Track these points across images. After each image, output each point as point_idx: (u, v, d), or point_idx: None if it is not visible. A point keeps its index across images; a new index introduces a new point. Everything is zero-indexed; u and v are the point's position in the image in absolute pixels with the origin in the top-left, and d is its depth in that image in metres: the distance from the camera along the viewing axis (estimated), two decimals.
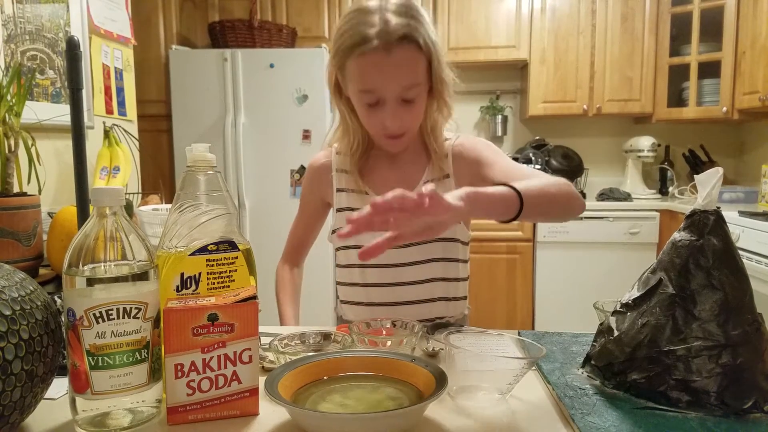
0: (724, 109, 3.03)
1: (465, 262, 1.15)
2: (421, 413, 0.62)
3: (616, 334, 0.69)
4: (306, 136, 3.06)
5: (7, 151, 1.22)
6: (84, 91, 1.01)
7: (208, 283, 0.68)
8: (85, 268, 0.60)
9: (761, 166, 2.99)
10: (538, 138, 3.53)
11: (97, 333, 0.59)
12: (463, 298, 1.17)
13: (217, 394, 0.63)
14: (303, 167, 3.04)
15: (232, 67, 3.05)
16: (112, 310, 0.59)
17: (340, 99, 1.07)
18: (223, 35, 3.18)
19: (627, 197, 3.24)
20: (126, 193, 1.03)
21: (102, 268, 0.61)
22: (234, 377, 0.63)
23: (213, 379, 0.62)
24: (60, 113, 1.85)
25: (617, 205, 3.11)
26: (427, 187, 0.61)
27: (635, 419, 0.61)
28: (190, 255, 0.67)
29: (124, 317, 0.59)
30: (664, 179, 3.47)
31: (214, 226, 0.69)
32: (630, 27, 3.24)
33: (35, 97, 1.82)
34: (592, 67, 3.28)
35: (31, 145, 1.29)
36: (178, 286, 0.67)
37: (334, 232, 1.13)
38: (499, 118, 3.57)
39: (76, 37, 0.93)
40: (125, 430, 0.61)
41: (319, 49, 3.08)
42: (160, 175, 2.87)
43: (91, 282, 0.59)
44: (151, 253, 0.64)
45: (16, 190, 1.25)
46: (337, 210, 1.14)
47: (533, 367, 0.76)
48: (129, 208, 1.30)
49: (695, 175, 0.69)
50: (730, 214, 2.40)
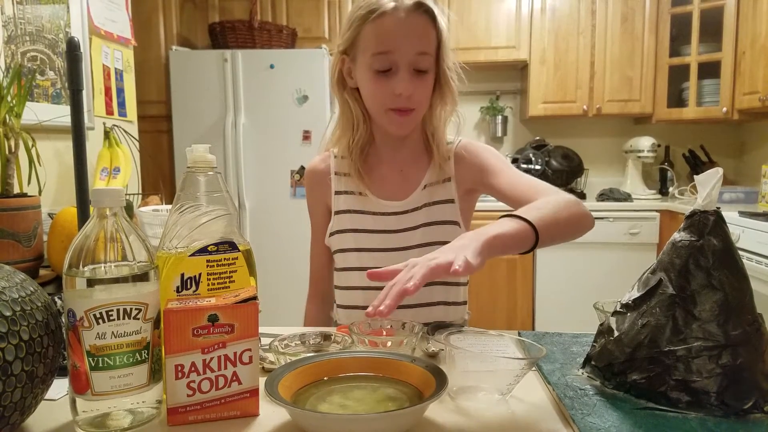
0: (724, 109, 3.03)
1: None
2: (421, 414, 0.62)
3: (617, 334, 0.69)
4: (306, 136, 3.06)
5: (7, 152, 1.22)
6: (84, 92, 1.01)
7: (209, 284, 0.68)
8: (86, 268, 0.60)
9: (761, 166, 2.99)
10: (538, 138, 3.53)
11: (98, 334, 0.59)
12: (463, 303, 1.15)
13: (217, 395, 0.63)
14: (303, 168, 3.04)
15: (232, 68, 3.05)
16: (113, 310, 0.59)
17: (343, 90, 1.07)
18: (223, 36, 3.18)
19: (627, 198, 3.24)
20: (126, 194, 1.03)
21: (102, 268, 0.61)
22: (234, 378, 0.63)
23: (213, 380, 0.62)
24: (60, 114, 1.85)
25: (617, 206, 3.11)
26: (458, 262, 0.64)
27: (635, 420, 0.61)
28: (190, 256, 0.67)
29: (124, 318, 0.60)
30: (664, 179, 3.47)
31: (214, 226, 0.69)
32: (630, 27, 3.24)
33: (35, 98, 1.82)
34: (592, 67, 3.28)
35: (32, 146, 1.29)
36: (178, 287, 0.67)
37: (332, 234, 1.12)
38: (499, 118, 3.57)
39: (76, 38, 0.93)
40: (125, 431, 0.61)
41: (319, 49, 3.08)
42: (161, 176, 2.87)
43: (91, 283, 0.59)
44: (152, 254, 0.64)
45: (16, 190, 1.25)
46: (335, 213, 1.12)
47: (533, 368, 0.76)
48: (129, 208, 1.30)
49: (695, 176, 0.69)
50: (730, 215, 2.40)
